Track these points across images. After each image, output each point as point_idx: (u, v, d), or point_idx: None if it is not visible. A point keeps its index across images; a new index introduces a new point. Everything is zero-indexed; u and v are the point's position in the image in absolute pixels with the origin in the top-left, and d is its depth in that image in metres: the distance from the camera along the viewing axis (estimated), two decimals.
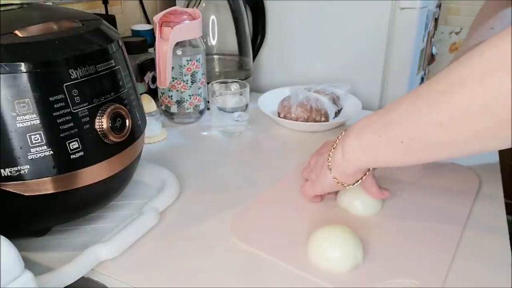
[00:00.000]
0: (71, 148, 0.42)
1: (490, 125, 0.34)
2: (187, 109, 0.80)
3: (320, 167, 0.54)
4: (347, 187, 0.52)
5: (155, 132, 0.75)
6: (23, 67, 0.38)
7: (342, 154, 0.49)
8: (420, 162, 0.45)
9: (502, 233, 0.51)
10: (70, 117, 0.41)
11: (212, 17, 0.88)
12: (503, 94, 0.32)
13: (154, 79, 0.87)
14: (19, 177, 0.40)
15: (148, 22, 1.10)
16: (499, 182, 0.61)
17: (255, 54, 0.99)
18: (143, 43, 0.88)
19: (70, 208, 0.48)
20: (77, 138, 0.42)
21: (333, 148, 0.51)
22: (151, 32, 0.94)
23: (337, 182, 0.51)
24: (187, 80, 0.77)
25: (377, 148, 0.45)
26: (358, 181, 0.51)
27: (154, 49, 0.74)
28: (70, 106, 0.41)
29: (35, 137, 0.40)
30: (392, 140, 0.43)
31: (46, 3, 0.79)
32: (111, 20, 0.90)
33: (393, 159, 0.45)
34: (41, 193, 0.42)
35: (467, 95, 0.34)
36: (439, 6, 1.13)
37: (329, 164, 0.51)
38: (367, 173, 0.51)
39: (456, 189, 0.60)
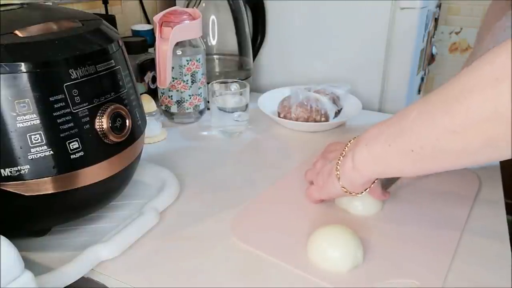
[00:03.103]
0: (71, 148, 0.42)
1: (501, 132, 0.34)
2: (187, 109, 0.80)
3: (327, 174, 0.52)
4: (355, 196, 0.51)
5: (155, 132, 0.75)
6: (23, 67, 0.38)
7: (352, 165, 0.48)
8: (431, 171, 0.44)
9: (502, 234, 0.51)
10: (70, 117, 0.41)
11: (212, 17, 0.88)
12: None
13: (154, 79, 0.87)
14: (19, 177, 0.40)
15: (148, 22, 1.10)
16: (499, 182, 0.61)
17: (255, 54, 0.99)
18: (143, 43, 0.88)
19: (70, 208, 0.48)
20: (77, 138, 0.42)
21: (342, 157, 0.50)
22: (151, 32, 0.94)
23: (346, 191, 0.50)
24: (187, 80, 0.77)
25: (388, 157, 0.44)
26: (366, 189, 0.50)
27: (154, 49, 0.74)
28: (70, 106, 0.41)
29: (35, 137, 0.40)
30: (403, 149, 0.42)
31: (46, 3, 0.79)
32: (111, 20, 0.90)
33: (403, 168, 0.45)
34: (41, 193, 0.42)
35: (480, 101, 0.34)
36: (439, 6, 1.13)
37: (338, 173, 0.50)
38: (375, 181, 0.50)
39: (456, 190, 0.60)
